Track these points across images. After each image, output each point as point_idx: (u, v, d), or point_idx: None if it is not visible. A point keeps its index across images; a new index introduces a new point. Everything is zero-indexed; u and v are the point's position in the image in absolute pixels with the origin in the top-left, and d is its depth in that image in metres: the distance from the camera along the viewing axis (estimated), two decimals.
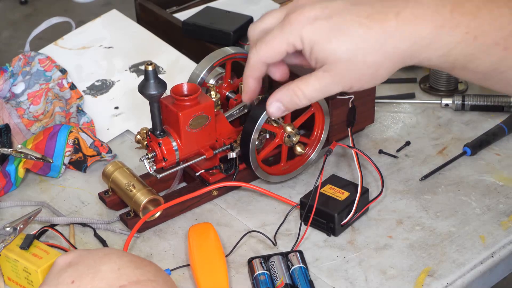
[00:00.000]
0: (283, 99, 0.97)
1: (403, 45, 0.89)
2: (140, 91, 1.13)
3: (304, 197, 1.17)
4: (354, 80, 0.93)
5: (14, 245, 1.08)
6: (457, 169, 1.27)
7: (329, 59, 0.91)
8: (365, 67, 0.91)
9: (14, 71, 1.45)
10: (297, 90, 0.96)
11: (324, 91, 0.94)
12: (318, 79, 0.93)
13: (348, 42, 0.90)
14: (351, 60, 0.91)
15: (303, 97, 0.96)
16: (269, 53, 0.96)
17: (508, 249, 1.12)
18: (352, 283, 1.07)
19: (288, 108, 0.98)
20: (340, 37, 0.90)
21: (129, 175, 1.19)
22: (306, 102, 0.96)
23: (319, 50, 0.91)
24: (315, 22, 0.91)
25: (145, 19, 1.65)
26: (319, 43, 0.91)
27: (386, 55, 0.90)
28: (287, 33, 0.93)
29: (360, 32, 0.89)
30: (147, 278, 0.85)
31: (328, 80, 0.93)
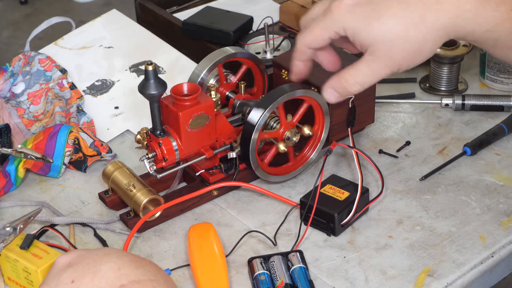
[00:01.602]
0: (336, 87, 1.00)
1: (445, 17, 0.90)
2: (140, 91, 1.13)
3: (304, 197, 1.17)
4: (401, 59, 0.94)
5: (14, 245, 1.08)
6: (457, 169, 1.27)
7: (372, 42, 0.93)
8: (409, 43, 0.92)
9: (14, 71, 1.45)
10: (348, 77, 0.97)
11: (373, 75, 0.96)
12: (366, 63, 0.95)
13: (388, 22, 0.91)
14: (394, 39, 0.92)
15: (354, 83, 0.97)
16: (311, 38, 0.99)
17: (508, 249, 1.12)
18: (352, 283, 1.07)
19: (342, 94, 1.00)
20: (380, 18, 0.92)
21: (129, 175, 1.19)
22: (359, 89, 0.98)
23: (361, 34, 0.93)
24: (355, 8, 0.94)
25: (145, 19, 1.65)
26: (360, 27, 0.93)
27: (428, 29, 0.91)
28: (328, 21, 0.96)
29: (399, 10, 0.91)
30: (147, 278, 0.85)
31: (375, 63, 0.95)
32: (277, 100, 1.16)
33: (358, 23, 0.93)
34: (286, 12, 1.63)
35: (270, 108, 1.16)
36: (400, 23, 0.91)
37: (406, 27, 0.91)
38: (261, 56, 1.52)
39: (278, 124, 1.20)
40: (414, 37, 0.91)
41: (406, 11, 0.91)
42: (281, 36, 1.54)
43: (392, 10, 0.91)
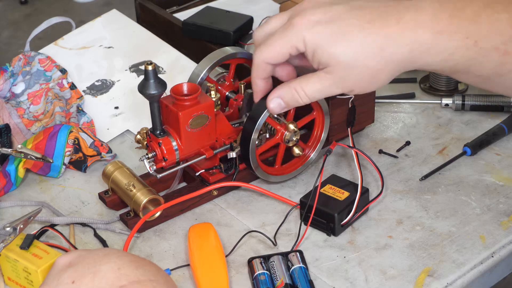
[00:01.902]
0: (284, 96, 0.99)
1: (403, 50, 0.90)
2: (140, 91, 1.13)
3: (304, 197, 1.17)
4: (355, 83, 0.94)
5: (14, 245, 1.08)
6: (457, 169, 1.27)
7: (331, 62, 0.93)
8: (366, 71, 0.92)
9: (14, 71, 1.45)
10: (298, 89, 0.97)
11: (324, 92, 0.96)
12: (320, 79, 0.95)
13: (349, 47, 0.91)
14: (352, 64, 0.92)
15: (304, 96, 0.97)
16: (271, 54, 0.97)
17: (508, 249, 1.12)
18: (352, 283, 1.07)
19: (289, 105, 0.99)
20: (342, 41, 0.91)
21: (129, 175, 1.19)
22: (307, 101, 0.98)
23: (321, 53, 0.93)
24: (317, 25, 0.93)
25: (145, 19, 1.65)
26: (321, 46, 0.92)
27: (386, 60, 0.91)
28: (289, 36, 0.94)
29: (361, 36, 0.90)
30: (147, 278, 0.85)
31: (329, 81, 0.94)
32: None
33: (319, 41, 0.92)
34: None
35: None
36: (360, 51, 0.91)
37: (365, 56, 0.91)
38: None
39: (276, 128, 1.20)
40: (371, 66, 0.92)
41: (367, 38, 0.90)
42: None
43: (355, 34, 0.91)
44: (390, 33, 0.90)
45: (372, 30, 0.90)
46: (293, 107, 1.00)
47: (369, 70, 0.92)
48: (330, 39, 0.92)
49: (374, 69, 0.92)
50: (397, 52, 0.91)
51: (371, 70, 0.92)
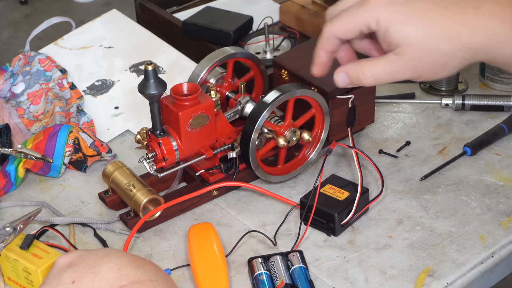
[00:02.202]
0: (350, 73, 0.97)
1: (478, 39, 0.89)
2: (140, 91, 1.13)
3: (304, 197, 1.17)
4: (425, 68, 0.92)
5: (14, 245, 1.08)
6: (457, 169, 1.27)
7: (403, 42, 0.91)
8: (438, 55, 0.90)
9: (14, 71, 1.45)
10: (365, 69, 0.95)
11: (392, 74, 0.94)
12: (389, 61, 0.93)
13: (424, 28, 0.90)
14: (425, 47, 0.90)
15: (369, 76, 0.95)
16: (343, 27, 0.95)
17: (508, 249, 1.12)
18: (352, 283, 1.07)
19: (353, 82, 0.97)
20: (417, 21, 0.90)
21: (129, 175, 1.19)
22: (372, 82, 0.95)
23: (393, 32, 0.91)
24: (394, 4, 0.91)
25: (145, 19, 1.65)
26: (394, 25, 0.91)
27: (460, 46, 0.90)
28: (363, 12, 0.93)
29: (438, 19, 0.89)
30: (147, 278, 0.85)
31: (399, 63, 0.92)
32: (277, 100, 1.16)
33: (394, 20, 0.91)
34: (286, 12, 1.63)
35: (270, 108, 1.16)
36: (435, 34, 0.89)
37: (439, 38, 0.89)
38: (261, 56, 1.52)
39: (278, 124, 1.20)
40: (444, 50, 0.90)
41: (443, 22, 0.89)
42: (281, 36, 1.54)
43: (431, 16, 0.89)
44: (466, 20, 0.89)
45: (448, 15, 0.89)
46: (357, 85, 0.96)
47: (442, 55, 0.90)
48: (404, 19, 0.91)
49: (447, 55, 0.90)
50: (473, 40, 0.89)
51: (444, 55, 0.90)
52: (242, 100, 1.24)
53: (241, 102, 1.24)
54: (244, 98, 1.24)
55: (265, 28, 1.52)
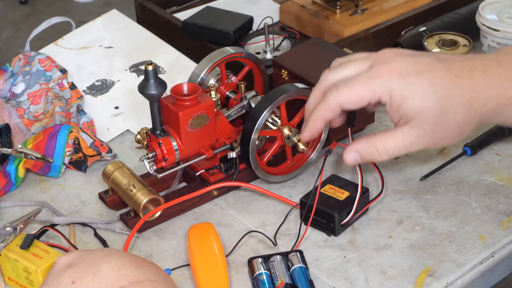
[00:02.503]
0: (362, 151, 0.95)
1: (490, 104, 0.89)
2: (140, 91, 1.13)
3: (304, 197, 1.17)
4: (441, 137, 0.91)
5: (14, 245, 1.08)
6: (457, 169, 1.27)
7: (418, 115, 0.89)
8: (454, 125, 0.90)
9: (14, 71, 1.45)
10: (379, 145, 0.93)
11: (408, 148, 0.92)
12: (403, 135, 0.91)
13: (438, 100, 0.88)
14: (440, 118, 0.89)
15: (384, 153, 0.93)
16: (353, 98, 0.92)
17: (508, 249, 1.12)
18: (352, 283, 1.07)
19: (365, 160, 0.95)
20: (431, 94, 0.89)
21: (129, 175, 1.19)
22: (386, 158, 0.93)
23: (409, 105, 0.89)
24: (407, 76, 0.89)
25: (145, 19, 1.65)
26: (409, 98, 0.89)
27: (474, 113, 0.90)
28: (375, 84, 0.90)
29: (452, 90, 0.88)
30: (147, 278, 0.85)
31: (414, 136, 0.91)
32: (277, 100, 1.16)
33: (407, 92, 0.89)
34: (286, 12, 1.63)
35: (270, 108, 1.16)
36: (450, 104, 0.88)
37: (454, 108, 0.89)
38: (261, 56, 1.52)
39: (274, 125, 1.20)
40: (460, 120, 0.89)
41: (458, 91, 0.88)
42: (281, 36, 1.54)
43: (445, 87, 0.88)
44: (478, 87, 0.89)
45: (462, 84, 0.89)
46: (368, 162, 0.95)
47: (457, 124, 0.90)
48: (418, 92, 0.89)
49: (462, 123, 0.90)
50: (485, 106, 0.89)
51: (459, 124, 0.90)
52: (248, 95, 1.24)
53: (246, 97, 1.24)
54: (250, 93, 1.24)
55: (265, 28, 1.52)
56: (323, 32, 1.56)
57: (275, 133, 1.20)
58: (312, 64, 1.30)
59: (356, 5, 1.59)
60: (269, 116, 1.20)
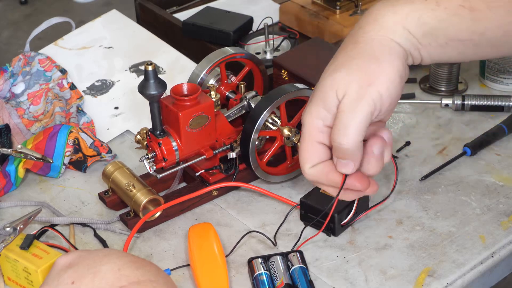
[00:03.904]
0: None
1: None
2: (140, 91, 1.13)
3: (304, 197, 1.17)
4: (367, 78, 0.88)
5: (14, 245, 1.08)
6: (457, 169, 1.27)
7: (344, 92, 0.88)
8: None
9: (14, 71, 1.45)
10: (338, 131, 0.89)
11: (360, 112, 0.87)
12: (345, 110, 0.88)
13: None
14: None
15: (346, 135, 0.87)
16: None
17: (508, 249, 1.12)
18: (352, 283, 1.07)
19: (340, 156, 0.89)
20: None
21: (129, 175, 1.19)
22: (350, 140, 0.87)
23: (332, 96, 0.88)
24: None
25: (145, 19, 1.65)
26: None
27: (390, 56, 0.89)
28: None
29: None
30: (147, 279, 0.85)
31: (349, 99, 0.87)
32: (277, 100, 1.16)
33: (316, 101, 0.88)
34: (286, 12, 1.63)
35: (270, 108, 1.16)
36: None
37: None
38: (261, 56, 1.52)
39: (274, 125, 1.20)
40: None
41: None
42: (281, 36, 1.54)
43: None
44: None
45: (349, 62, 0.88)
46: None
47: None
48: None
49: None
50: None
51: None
52: (248, 95, 1.24)
53: (246, 97, 1.24)
54: (250, 93, 1.24)
55: (265, 28, 1.52)
56: (323, 32, 1.56)
57: (275, 133, 1.20)
58: (312, 64, 1.30)
59: (356, 5, 1.59)
60: (269, 116, 1.20)
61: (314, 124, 0.88)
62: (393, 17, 0.89)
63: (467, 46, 0.91)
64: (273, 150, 1.21)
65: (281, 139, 1.20)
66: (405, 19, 0.89)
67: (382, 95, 0.86)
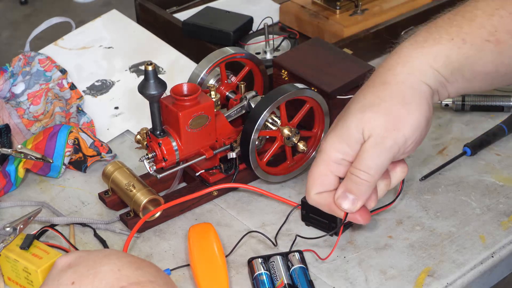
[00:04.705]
0: (348, 186, 0.94)
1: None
2: (140, 91, 1.13)
3: (305, 197, 1.17)
4: (393, 128, 0.91)
5: (14, 245, 1.08)
6: (457, 169, 1.27)
7: (370, 130, 0.91)
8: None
9: (14, 71, 1.45)
10: (353, 170, 0.93)
11: (379, 157, 0.92)
12: (368, 149, 0.92)
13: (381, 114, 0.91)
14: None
15: (365, 174, 0.93)
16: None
17: (508, 249, 1.12)
18: (352, 283, 1.07)
19: (360, 197, 0.95)
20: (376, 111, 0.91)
21: (129, 175, 1.19)
22: (369, 177, 0.93)
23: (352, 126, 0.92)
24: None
25: (145, 19, 1.65)
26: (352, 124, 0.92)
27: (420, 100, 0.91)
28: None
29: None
30: (147, 279, 0.85)
31: (373, 142, 0.92)
32: (277, 100, 1.16)
33: (338, 135, 0.92)
34: (286, 12, 1.63)
35: (270, 108, 1.16)
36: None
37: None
38: (261, 56, 1.52)
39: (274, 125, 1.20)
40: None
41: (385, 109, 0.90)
42: (281, 36, 1.54)
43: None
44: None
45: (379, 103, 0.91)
46: (364, 197, 0.94)
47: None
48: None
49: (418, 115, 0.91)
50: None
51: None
52: (248, 95, 1.24)
53: (246, 97, 1.24)
54: (250, 93, 1.24)
55: (265, 28, 1.52)
56: (323, 32, 1.56)
57: (275, 133, 1.20)
58: (312, 64, 1.30)
59: (356, 5, 1.59)
60: (269, 116, 1.20)
61: (333, 156, 0.93)
62: (422, 58, 0.91)
63: (493, 77, 0.94)
64: (273, 150, 1.21)
65: (281, 139, 1.20)
66: (433, 60, 0.91)
67: (407, 139, 0.90)
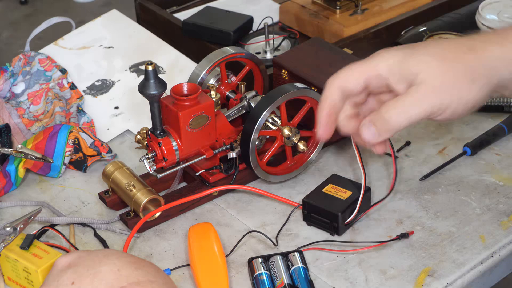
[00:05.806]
0: (376, 121, 0.92)
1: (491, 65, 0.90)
2: (140, 91, 1.13)
3: (306, 197, 1.17)
4: (447, 99, 0.90)
5: (14, 245, 1.08)
6: (457, 169, 1.27)
7: (422, 69, 0.89)
8: (459, 81, 0.90)
9: (14, 71, 1.45)
10: (387, 112, 0.91)
11: (414, 109, 0.91)
12: (411, 95, 0.91)
13: (438, 58, 0.90)
14: (447, 74, 0.90)
15: (395, 118, 0.91)
16: (344, 77, 0.93)
17: (508, 249, 1.12)
18: (352, 283, 1.07)
19: (381, 132, 0.92)
20: (431, 54, 0.90)
21: (129, 175, 1.19)
22: (396, 125, 0.91)
23: (411, 61, 0.90)
24: (402, 48, 0.91)
25: (145, 19, 1.65)
26: (410, 57, 0.90)
27: (479, 80, 0.90)
28: (373, 59, 0.92)
29: (449, 57, 0.90)
30: (147, 279, 0.85)
31: (421, 94, 0.90)
32: (277, 100, 1.16)
33: (406, 54, 0.89)
34: (286, 12, 1.63)
35: (270, 108, 1.16)
36: (451, 62, 0.90)
37: (457, 69, 0.90)
38: (261, 56, 1.52)
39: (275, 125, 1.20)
40: (468, 84, 0.89)
41: (455, 60, 0.89)
42: (281, 36, 1.54)
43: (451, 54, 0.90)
44: (474, 57, 0.90)
45: (454, 58, 0.89)
46: (387, 135, 0.91)
47: (465, 86, 0.89)
48: (418, 51, 0.90)
49: (468, 87, 0.89)
50: (488, 66, 0.90)
51: (467, 87, 0.89)
52: (248, 95, 1.24)
53: (246, 97, 1.24)
54: (250, 93, 1.24)
55: (265, 28, 1.52)
56: (323, 32, 1.56)
57: (275, 133, 1.20)
58: (312, 64, 1.30)
59: (356, 5, 1.59)
60: (269, 116, 1.20)
61: (379, 68, 0.91)
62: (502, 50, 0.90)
63: None
64: (273, 150, 1.21)
65: (281, 139, 1.20)
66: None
67: (453, 111, 0.89)
